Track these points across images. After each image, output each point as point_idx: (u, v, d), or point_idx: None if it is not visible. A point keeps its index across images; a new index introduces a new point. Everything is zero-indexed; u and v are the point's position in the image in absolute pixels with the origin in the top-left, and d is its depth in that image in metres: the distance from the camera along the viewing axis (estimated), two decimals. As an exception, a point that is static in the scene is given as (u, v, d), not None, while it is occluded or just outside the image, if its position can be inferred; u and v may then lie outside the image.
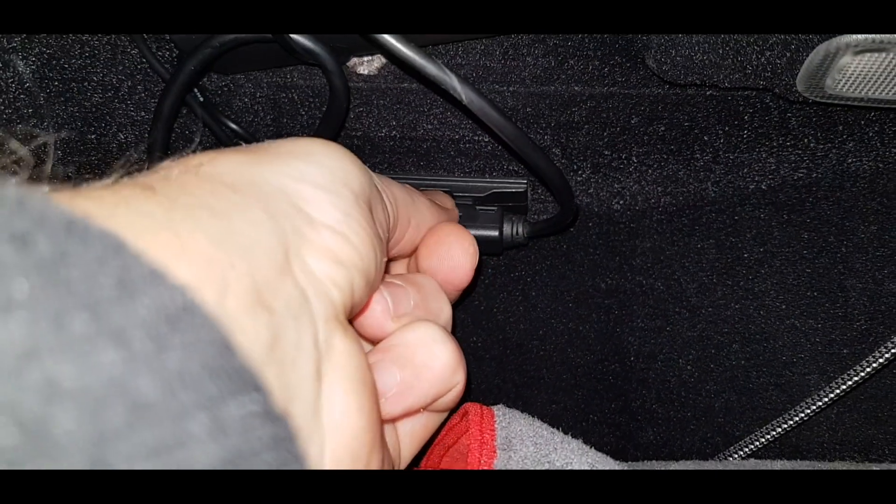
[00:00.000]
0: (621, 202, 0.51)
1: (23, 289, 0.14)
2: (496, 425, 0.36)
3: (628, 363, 0.52)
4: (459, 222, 0.46)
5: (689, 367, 0.50)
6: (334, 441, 0.21)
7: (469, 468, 0.35)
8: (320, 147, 0.26)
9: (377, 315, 0.30)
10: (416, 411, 0.30)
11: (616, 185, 0.50)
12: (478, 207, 0.49)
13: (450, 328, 0.34)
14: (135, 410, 0.14)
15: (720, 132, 0.45)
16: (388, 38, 0.33)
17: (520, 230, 0.49)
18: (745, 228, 0.49)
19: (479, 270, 0.40)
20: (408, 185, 0.36)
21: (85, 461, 0.14)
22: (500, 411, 0.37)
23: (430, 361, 0.29)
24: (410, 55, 0.33)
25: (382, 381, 0.28)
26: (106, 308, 0.15)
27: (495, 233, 0.48)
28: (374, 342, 0.31)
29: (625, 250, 0.52)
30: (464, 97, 0.33)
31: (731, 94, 0.43)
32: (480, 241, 0.46)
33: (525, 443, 0.35)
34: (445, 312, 0.34)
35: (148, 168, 0.43)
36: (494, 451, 0.35)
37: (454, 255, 0.35)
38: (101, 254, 0.15)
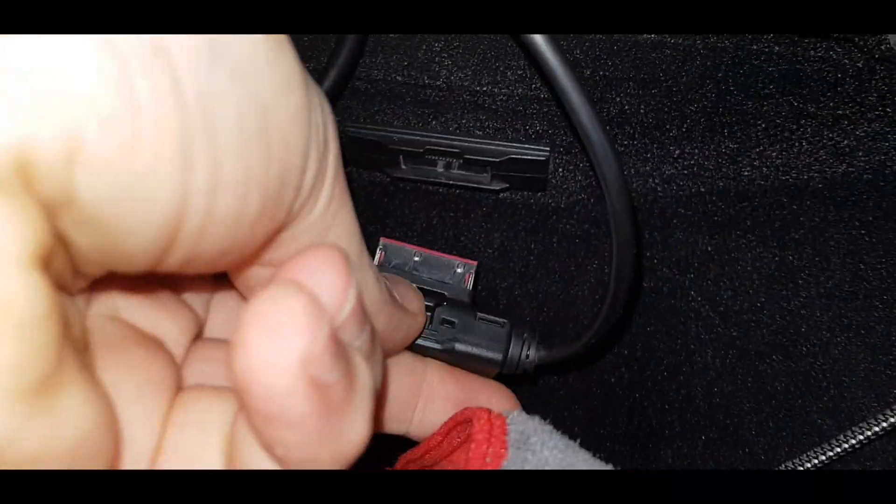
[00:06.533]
0: (655, 186, 0.44)
1: None
2: (508, 423, 0.30)
3: (647, 370, 0.46)
4: (456, 336, 0.35)
5: (718, 380, 0.44)
6: None
7: (470, 463, 0.28)
8: None
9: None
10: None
11: (649, 166, 0.44)
12: (478, 316, 0.36)
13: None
14: None
15: (779, 106, 0.39)
16: None
17: (530, 354, 0.36)
18: (795, 226, 0.42)
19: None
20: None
21: None
22: (513, 413, 0.31)
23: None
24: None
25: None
26: None
27: (498, 355, 0.35)
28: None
29: (652, 239, 0.45)
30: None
31: (800, 59, 0.37)
32: (475, 359, 0.36)
33: (546, 444, 0.28)
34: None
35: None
36: (505, 447, 0.28)
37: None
38: None
